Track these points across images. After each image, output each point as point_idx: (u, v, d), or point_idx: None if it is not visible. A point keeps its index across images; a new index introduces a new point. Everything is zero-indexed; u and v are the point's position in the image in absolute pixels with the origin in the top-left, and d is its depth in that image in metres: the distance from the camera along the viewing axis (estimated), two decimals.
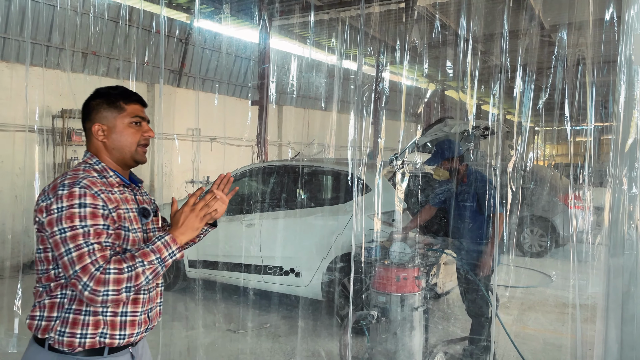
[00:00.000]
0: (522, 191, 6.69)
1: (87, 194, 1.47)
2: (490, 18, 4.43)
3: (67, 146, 7.39)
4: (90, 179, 1.52)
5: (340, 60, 6.38)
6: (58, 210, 1.44)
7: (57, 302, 1.51)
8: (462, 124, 4.63)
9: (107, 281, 1.39)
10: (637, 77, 2.30)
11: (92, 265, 1.40)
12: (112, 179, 1.61)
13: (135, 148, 1.64)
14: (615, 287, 2.43)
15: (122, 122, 1.63)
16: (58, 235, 1.43)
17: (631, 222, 2.27)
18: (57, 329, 1.49)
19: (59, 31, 7.87)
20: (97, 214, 1.47)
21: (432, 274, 3.93)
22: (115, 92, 1.66)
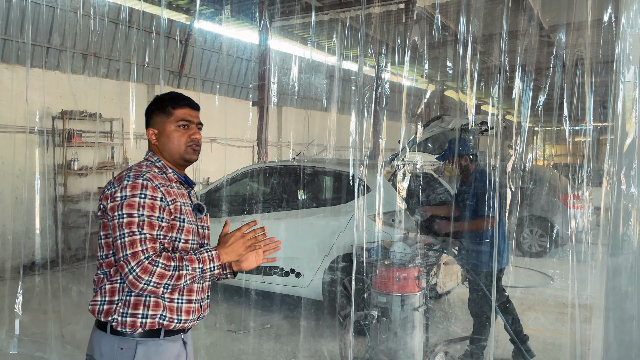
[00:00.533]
0: (521, 191, 6.70)
1: (148, 186, 1.61)
2: (489, 18, 4.45)
3: (68, 147, 7.40)
4: (152, 173, 1.67)
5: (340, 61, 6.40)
6: (121, 198, 1.59)
7: (118, 286, 1.64)
8: (459, 119, 4.65)
9: (152, 272, 1.52)
10: (636, 78, 2.32)
11: (142, 254, 1.53)
12: (171, 174, 1.76)
13: (185, 149, 1.76)
14: (614, 287, 2.44)
15: (170, 126, 1.76)
16: (117, 219, 1.57)
17: (630, 221, 2.28)
18: (120, 311, 1.62)
19: (59, 32, 7.88)
20: (155, 206, 1.60)
21: (433, 273, 3.94)
22: (167, 98, 1.80)
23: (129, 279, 1.52)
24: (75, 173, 7.54)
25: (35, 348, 4.21)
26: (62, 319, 4.61)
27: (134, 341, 1.62)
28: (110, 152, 8.14)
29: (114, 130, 8.06)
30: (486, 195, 3.65)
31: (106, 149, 8.09)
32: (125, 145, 8.18)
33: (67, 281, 5.98)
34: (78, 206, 7.64)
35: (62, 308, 4.83)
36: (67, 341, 4.33)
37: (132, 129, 5.22)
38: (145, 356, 1.63)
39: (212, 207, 5.73)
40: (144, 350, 1.63)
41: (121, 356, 1.62)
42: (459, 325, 4.82)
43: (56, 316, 4.48)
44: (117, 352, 1.62)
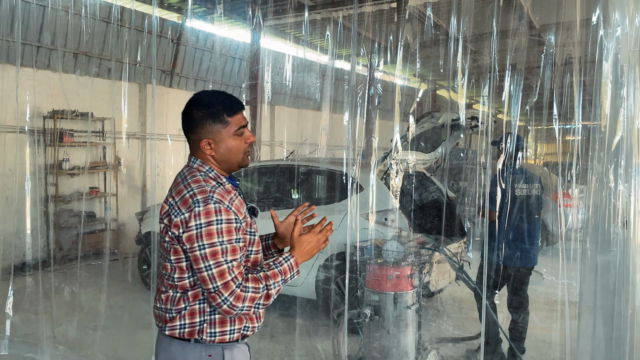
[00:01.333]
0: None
1: (221, 209, 1.55)
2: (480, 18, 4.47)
3: (59, 147, 7.35)
4: (217, 191, 1.59)
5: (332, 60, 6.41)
6: (197, 227, 1.53)
7: (198, 307, 1.62)
8: (449, 114, 4.68)
9: (245, 298, 1.53)
10: (623, 76, 2.34)
11: (233, 283, 1.53)
12: (228, 185, 1.69)
13: (242, 156, 1.71)
14: (603, 284, 2.47)
15: (227, 134, 1.67)
16: (198, 251, 1.53)
17: (618, 219, 2.31)
18: (207, 331, 1.62)
19: (50, 31, 7.83)
20: (232, 229, 1.56)
21: (425, 272, 3.96)
22: (218, 105, 1.67)
23: (222, 308, 1.53)
24: (66, 173, 7.49)
25: (27, 349, 4.18)
26: (54, 319, 4.59)
27: (219, 347, 1.65)
28: (102, 151, 8.10)
29: (106, 129, 8.01)
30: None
31: (97, 149, 8.05)
32: (117, 144, 8.14)
33: (59, 281, 5.95)
34: (69, 206, 7.60)
35: (54, 309, 4.81)
36: (59, 342, 4.31)
37: (125, 128, 5.20)
38: (233, 359, 1.66)
39: None
40: (230, 355, 1.66)
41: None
42: (451, 323, 4.86)
43: (48, 317, 4.46)
44: (206, 359, 1.64)
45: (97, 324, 4.65)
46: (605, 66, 2.44)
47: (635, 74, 2.36)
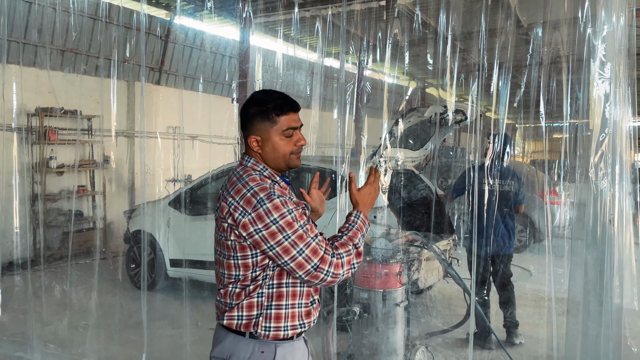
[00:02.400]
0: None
1: (286, 201, 1.62)
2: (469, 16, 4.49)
3: (45, 145, 7.27)
4: (276, 187, 1.66)
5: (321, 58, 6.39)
6: (274, 222, 1.58)
7: (255, 301, 1.67)
8: (435, 108, 4.71)
9: (343, 264, 1.61)
10: (609, 74, 2.37)
11: (327, 255, 1.60)
12: (282, 183, 1.75)
13: (289, 157, 1.73)
14: (590, 280, 2.50)
15: (275, 134, 1.70)
16: (285, 241, 1.58)
17: (604, 215, 2.33)
18: (262, 325, 1.67)
19: (36, 28, 7.73)
20: (302, 215, 1.65)
21: (414, 269, 3.98)
22: (270, 104, 1.70)
23: (327, 281, 1.60)
24: (53, 171, 7.41)
25: (15, 348, 4.16)
26: (43, 318, 4.55)
27: (273, 344, 1.68)
28: (90, 150, 8.02)
29: (94, 127, 7.94)
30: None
31: (84, 147, 7.97)
32: (105, 142, 8.07)
33: (47, 281, 5.88)
34: (57, 205, 7.52)
35: (44, 307, 4.78)
36: (49, 340, 4.29)
37: (114, 126, 5.14)
38: (283, 357, 1.69)
39: (195, 205, 5.69)
40: (282, 352, 1.69)
41: (262, 359, 1.67)
42: (441, 320, 4.89)
43: (37, 316, 4.42)
44: (258, 355, 1.67)
45: (87, 323, 4.62)
46: (592, 64, 2.46)
47: (621, 72, 2.39)
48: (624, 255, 2.44)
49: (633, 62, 2.67)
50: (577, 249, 2.63)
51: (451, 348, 4.32)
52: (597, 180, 2.36)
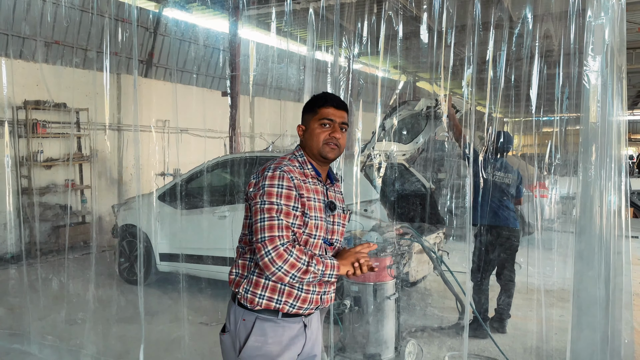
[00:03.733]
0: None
1: (284, 177, 1.77)
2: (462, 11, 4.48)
3: (32, 138, 7.17)
4: (290, 166, 1.82)
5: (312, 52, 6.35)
6: (262, 186, 1.77)
7: (247, 263, 1.85)
8: (425, 101, 4.71)
9: (286, 260, 1.68)
10: (599, 68, 2.37)
11: (279, 239, 1.69)
12: (308, 170, 1.88)
13: (322, 146, 1.87)
14: (580, 271, 2.51)
15: (313, 123, 1.89)
16: (259, 205, 1.75)
17: (593, 208, 2.35)
18: (244, 287, 1.83)
19: (23, 20, 7.59)
20: (291, 196, 1.76)
21: (405, 262, 3.99)
22: (318, 97, 1.93)
23: (264, 260, 1.68)
24: (41, 165, 7.32)
25: (12, 340, 4.15)
26: (39, 311, 4.53)
27: (254, 316, 1.81)
28: (77, 143, 7.92)
29: (82, 120, 7.84)
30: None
31: (72, 140, 7.87)
32: (93, 136, 7.98)
33: (35, 275, 5.82)
34: (45, 199, 7.43)
35: (41, 300, 4.78)
36: (47, 332, 4.29)
37: (107, 119, 5.08)
38: (262, 331, 1.80)
39: (186, 198, 5.65)
40: (261, 326, 1.81)
41: (242, 327, 1.82)
42: (432, 312, 4.91)
43: (34, 307, 4.41)
44: (240, 322, 1.83)
45: (77, 318, 4.59)
46: (582, 58, 2.47)
47: (611, 65, 2.39)
48: (611, 247, 2.45)
49: (623, 56, 2.68)
50: (567, 242, 2.64)
51: (446, 334, 4.34)
52: (586, 173, 2.37)
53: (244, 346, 1.81)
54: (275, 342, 1.81)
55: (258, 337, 1.80)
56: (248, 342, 1.80)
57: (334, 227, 1.93)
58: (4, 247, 6.89)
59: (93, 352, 3.91)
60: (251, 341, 1.80)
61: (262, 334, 1.80)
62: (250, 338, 1.80)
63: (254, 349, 1.80)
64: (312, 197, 1.84)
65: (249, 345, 1.80)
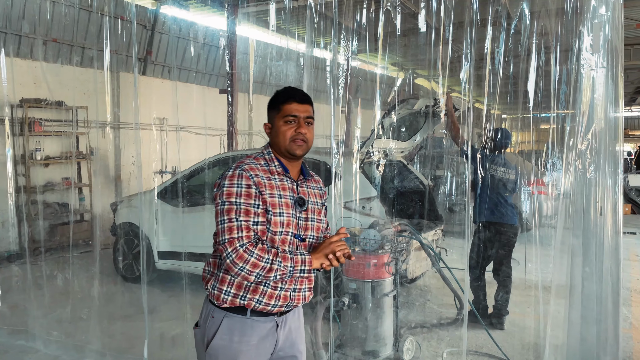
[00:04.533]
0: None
1: (243, 175, 1.77)
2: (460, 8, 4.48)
3: (30, 137, 7.15)
4: (252, 164, 1.82)
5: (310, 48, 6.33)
6: (222, 186, 1.78)
7: (217, 261, 1.86)
8: (424, 100, 4.72)
9: (247, 261, 1.68)
10: (596, 65, 2.37)
11: (237, 241, 1.70)
12: (274, 167, 1.87)
13: (289, 143, 1.84)
14: (576, 267, 2.52)
15: (278, 121, 1.87)
16: (219, 206, 1.76)
17: (590, 205, 2.35)
18: (212, 283, 1.85)
19: (19, 18, 7.56)
20: (250, 194, 1.76)
21: (403, 259, 3.99)
22: (279, 94, 1.91)
23: (227, 262, 1.70)
24: (39, 163, 7.30)
25: (17, 337, 4.18)
26: (43, 308, 4.55)
27: (222, 314, 1.82)
28: (75, 141, 7.91)
29: (80, 119, 7.82)
30: None
31: (70, 138, 7.85)
32: (91, 134, 7.96)
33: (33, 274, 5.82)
34: (42, 197, 7.42)
35: (45, 297, 4.79)
36: (53, 328, 4.30)
37: (108, 117, 5.08)
38: (229, 329, 1.81)
39: (184, 196, 5.65)
40: (228, 323, 1.81)
41: (211, 323, 1.84)
42: (429, 309, 4.92)
43: (35, 305, 4.42)
44: (210, 319, 1.85)
45: (84, 312, 4.60)
46: (580, 55, 2.47)
47: (609, 62, 2.39)
48: (607, 243, 2.46)
49: (621, 53, 2.68)
50: (564, 238, 2.65)
51: (445, 331, 4.35)
52: (583, 169, 2.37)
53: (211, 342, 1.82)
54: (243, 341, 1.81)
55: (224, 335, 1.81)
56: (214, 340, 1.81)
57: (307, 222, 1.90)
58: (2, 245, 6.87)
59: (98, 347, 3.93)
60: (217, 339, 1.81)
61: (229, 332, 1.81)
62: (217, 335, 1.81)
63: (220, 347, 1.81)
64: (277, 194, 1.82)
65: (214, 343, 1.81)
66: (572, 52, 2.59)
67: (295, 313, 1.96)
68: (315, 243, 1.92)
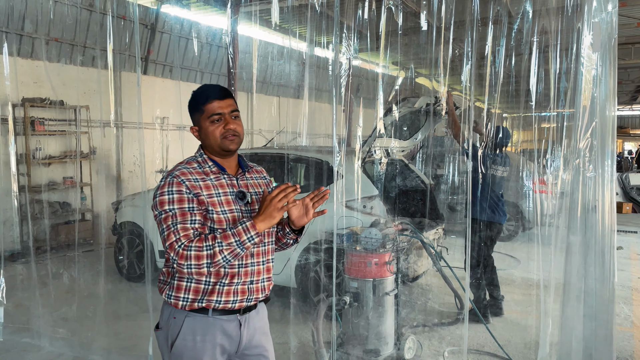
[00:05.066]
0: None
1: (174, 182, 1.77)
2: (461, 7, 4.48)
3: (31, 136, 7.16)
4: (183, 169, 1.82)
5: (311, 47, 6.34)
6: (155, 196, 1.78)
7: (170, 270, 1.85)
8: (425, 99, 4.73)
9: (189, 257, 1.67)
10: (597, 64, 2.38)
11: (176, 243, 1.70)
12: (209, 168, 1.86)
13: (220, 141, 1.84)
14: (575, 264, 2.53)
15: (204, 122, 1.85)
16: (157, 217, 1.77)
17: (589, 203, 2.36)
18: (167, 292, 1.84)
19: (20, 17, 7.57)
20: (183, 198, 1.75)
21: (404, 258, 4.00)
22: (198, 95, 1.88)
23: (175, 267, 1.71)
24: (39, 162, 7.32)
25: (22, 335, 4.20)
26: (48, 306, 4.57)
27: (184, 314, 1.82)
28: (76, 140, 7.92)
29: (81, 118, 7.83)
30: None
31: (70, 138, 7.87)
32: (92, 133, 7.97)
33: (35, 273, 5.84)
34: (43, 196, 7.43)
35: (50, 295, 4.82)
36: (59, 325, 4.34)
37: (112, 116, 5.10)
38: (192, 329, 1.81)
39: None
40: (190, 323, 1.81)
41: (173, 324, 1.83)
42: (431, 308, 4.93)
43: (39, 303, 4.44)
44: (171, 320, 1.84)
45: (89, 311, 4.62)
46: (579, 54, 2.47)
47: (608, 61, 2.40)
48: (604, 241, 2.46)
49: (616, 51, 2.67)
50: (564, 237, 2.65)
51: (446, 329, 4.36)
52: (583, 168, 2.38)
53: (175, 343, 1.82)
54: (206, 340, 1.81)
55: (187, 335, 1.81)
56: (177, 341, 1.82)
57: (253, 214, 1.87)
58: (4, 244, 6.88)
59: (104, 344, 3.95)
60: (180, 339, 1.81)
61: (192, 333, 1.81)
62: (179, 336, 1.81)
63: (184, 347, 1.81)
64: (215, 193, 1.81)
65: (178, 343, 1.81)
66: (571, 50, 2.60)
67: (259, 312, 1.97)
68: (269, 231, 1.91)
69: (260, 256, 1.90)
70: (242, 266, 1.84)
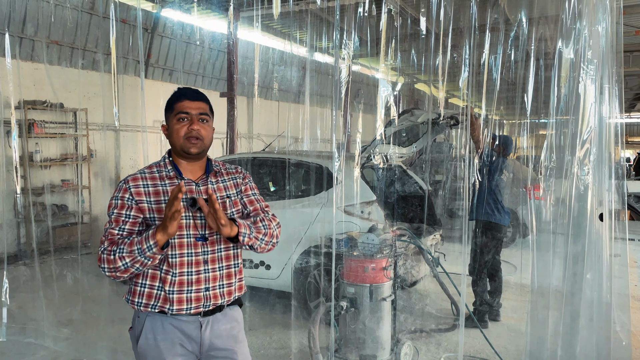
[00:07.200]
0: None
1: (122, 188, 1.82)
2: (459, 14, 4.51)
3: (29, 138, 7.16)
4: (137, 174, 1.85)
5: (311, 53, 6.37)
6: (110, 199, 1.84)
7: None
8: (429, 113, 4.75)
9: (103, 260, 1.74)
10: (594, 71, 2.39)
11: (100, 248, 1.77)
12: (165, 173, 1.86)
13: (182, 141, 1.83)
14: (575, 273, 2.53)
15: (172, 120, 1.86)
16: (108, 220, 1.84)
17: (587, 210, 2.36)
18: (126, 295, 1.90)
19: (20, 19, 7.59)
20: (124, 205, 1.80)
21: (402, 264, 4.00)
22: (172, 95, 1.90)
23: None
24: (38, 165, 7.31)
25: (26, 335, 4.21)
26: (50, 307, 4.56)
27: (145, 314, 1.86)
28: (74, 143, 7.91)
29: (77, 120, 7.83)
30: None
31: (68, 141, 7.87)
32: (91, 136, 7.97)
33: (30, 276, 5.82)
34: (41, 199, 7.42)
35: (56, 294, 4.83)
36: (63, 324, 4.36)
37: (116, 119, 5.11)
38: (152, 328, 1.84)
39: None
40: (151, 323, 1.84)
41: (137, 324, 1.89)
42: (428, 314, 4.92)
43: (38, 305, 4.46)
44: (136, 319, 1.90)
45: (74, 318, 4.59)
46: (579, 61, 2.48)
47: (605, 69, 2.41)
48: (602, 249, 2.47)
49: (620, 59, 2.69)
50: (561, 244, 2.65)
51: (443, 335, 4.35)
52: (581, 175, 2.38)
53: (138, 342, 1.86)
54: (166, 339, 1.83)
55: (148, 334, 1.84)
56: (140, 339, 1.85)
57: (202, 221, 1.83)
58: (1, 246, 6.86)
59: (109, 344, 3.94)
60: (142, 338, 1.85)
61: (152, 332, 1.84)
62: (142, 335, 1.85)
63: (147, 346, 1.84)
64: (164, 200, 1.80)
65: (140, 342, 1.85)
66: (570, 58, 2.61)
67: (227, 314, 1.93)
68: (224, 238, 1.84)
69: (216, 262, 1.86)
70: (192, 274, 1.82)
